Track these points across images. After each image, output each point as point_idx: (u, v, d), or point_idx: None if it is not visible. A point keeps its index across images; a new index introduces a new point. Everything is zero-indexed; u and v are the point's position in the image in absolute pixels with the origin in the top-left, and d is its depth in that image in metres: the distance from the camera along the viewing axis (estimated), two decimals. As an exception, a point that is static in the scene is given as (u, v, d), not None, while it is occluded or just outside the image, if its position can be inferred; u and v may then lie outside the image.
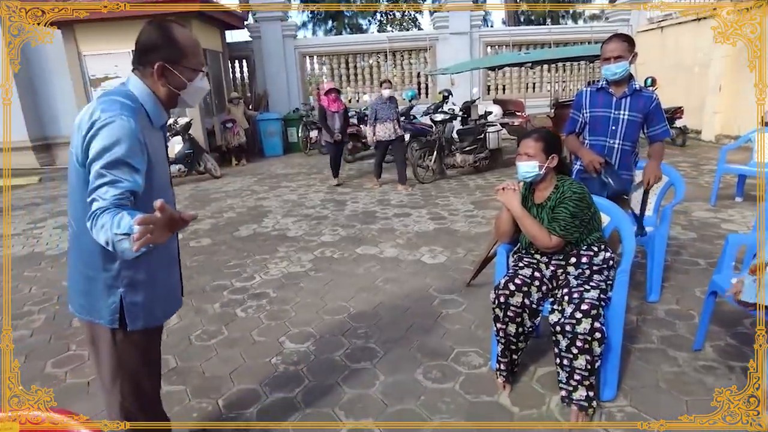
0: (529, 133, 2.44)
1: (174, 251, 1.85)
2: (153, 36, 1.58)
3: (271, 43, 12.39)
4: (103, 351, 1.71)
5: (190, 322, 3.41)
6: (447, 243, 4.79)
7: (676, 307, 3.24)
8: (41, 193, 8.96)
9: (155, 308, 1.73)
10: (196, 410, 2.46)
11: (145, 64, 1.59)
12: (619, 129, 2.99)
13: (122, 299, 1.63)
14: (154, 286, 1.71)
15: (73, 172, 1.55)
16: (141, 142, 1.50)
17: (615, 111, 2.98)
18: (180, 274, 1.93)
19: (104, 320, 1.65)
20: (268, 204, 6.91)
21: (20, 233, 6.19)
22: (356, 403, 2.43)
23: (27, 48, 11.41)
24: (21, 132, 11.48)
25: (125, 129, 1.45)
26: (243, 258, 4.69)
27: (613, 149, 3.03)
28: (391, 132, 7.16)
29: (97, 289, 1.63)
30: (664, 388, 2.41)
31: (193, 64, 1.64)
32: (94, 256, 1.59)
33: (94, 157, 1.43)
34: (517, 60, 9.01)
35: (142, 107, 1.58)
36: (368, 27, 25.59)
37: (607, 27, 13.03)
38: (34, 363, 3.02)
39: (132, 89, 1.60)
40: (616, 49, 2.88)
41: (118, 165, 1.42)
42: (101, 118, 1.46)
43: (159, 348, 1.90)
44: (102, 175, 1.40)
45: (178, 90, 1.64)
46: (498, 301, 2.33)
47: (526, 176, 2.38)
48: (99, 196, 1.38)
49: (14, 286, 4.37)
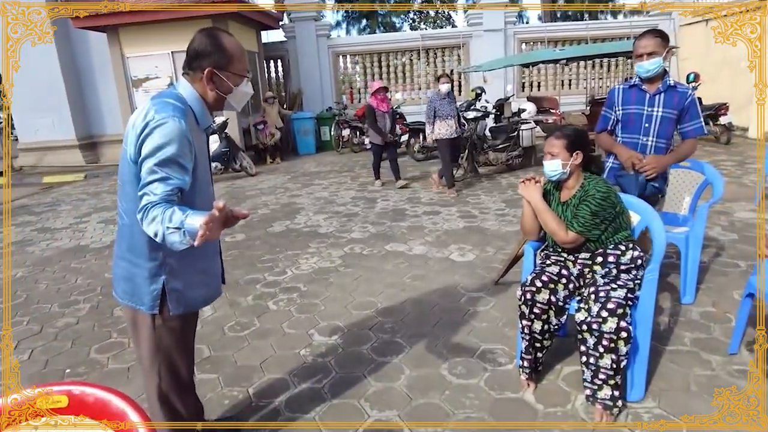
0: (553, 132, 2.43)
1: (216, 243, 1.96)
2: (203, 43, 1.68)
3: (305, 43, 12.58)
4: (143, 335, 1.82)
5: (224, 313, 3.53)
6: (477, 241, 4.79)
7: (712, 310, 3.15)
8: (86, 189, 9.37)
9: (195, 294, 1.84)
10: (227, 397, 2.56)
11: (195, 69, 1.70)
12: (653, 126, 2.92)
13: (164, 286, 1.74)
14: (195, 274, 1.82)
15: (125, 168, 1.65)
16: (190, 143, 1.61)
17: (648, 108, 2.92)
18: (222, 264, 2.03)
19: (145, 306, 1.76)
20: (300, 201, 7.04)
21: (67, 227, 6.51)
22: (382, 396, 2.48)
23: (74, 50, 11.96)
24: (69, 131, 12.04)
25: (177, 130, 1.56)
26: (275, 253, 4.81)
27: (647, 147, 2.96)
28: (452, 130, 6.69)
29: (142, 276, 1.73)
30: (695, 391, 2.36)
31: (240, 70, 1.74)
32: (140, 246, 1.70)
33: (147, 154, 1.54)
34: (552, 57, 8.87)
35: (191, 109, 1.69)
36: (401, 26, 25.61)
37: (647, 22, 12.66)
38: (79, 348, 3.20)
39: (182, 92, 1.70)
40: (648, 45, 2.81)
41: (169, 163, 1.53)
42: (155, 119, 1.56)
43: (194, 334, 2.01)
44: (154, 171, 1.51)
45: (225, 94, 1.75)
46: (524, 297, 2.34)
47: (552, 175, 2.37)
48: (150, 191, 1.49)
49: (61, 276, 4.61)
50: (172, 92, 1.70)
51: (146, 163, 1.53)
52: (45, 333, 3.45)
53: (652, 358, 2.46)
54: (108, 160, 12.30)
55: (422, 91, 13.01)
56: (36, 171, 11.83)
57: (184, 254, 1.70)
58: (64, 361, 3.05)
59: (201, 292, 1.87)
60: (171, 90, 1.71)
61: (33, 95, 11.70)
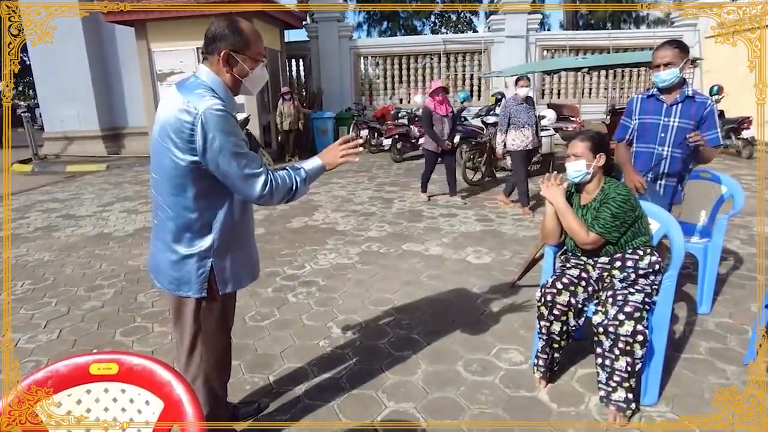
0: (576, 135, 2.48)
1: (252, 224, 2.04)
2: (220, 26, 1.75)
3: (327, 43, 12.71)
4: (187, 319, 1.89)
5: (245, 303, 3.62)
6: (493, 244, 4.83)
7: (728, 321, 3.16)
8: (108, 179, 9.58)
9: (240, 272, 1.93)
10: (249, 383, 2.64)
11: (212, 52, 1.76)
12: (669, 136, 2.95)
13: (212, 267, 1.82)
14: (239, 253, 1.90)
15: (165, 163, 1.70)
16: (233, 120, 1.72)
17: (665, 118, 2.95)
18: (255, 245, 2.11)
19: (193, 291, 1.83)
20: (318, 199, 7.13)
21: (91, 215, 6.67)
22: (399, 388, 2.54)
23: (102, 43, 12.21)
24: (93, 122, 12.29)
25: (227, 116, 1.66)
26: (294, 248, 4.90)
27: (662, 156, 3.00)
28: (528, 141, 5.89)
29: (190, 263, 1.80)
30: (708, 399, 2.39)
31: (255, 54, 1.80)
32: (189, 233, 1.78)
33: (218, 145, 1.63)
34: (574, 65, 8.87)
35: (217, 95, 1.73)
36: (422, 29, 25.68)
37: (671, 32, 12.58)
38: (105, 331, 3.31)
39: (206, 80, 1.75)
40: (666, 55, 2.84)
41: (241, 143, 1.68)
42: (201, 112, 1.62)
43: (233, 316, 2.11)
44: (240, 154, 1.66)
45: (241, 77, 1.80)
46: (544, 299, 2.38)
47: (575, 177, 2.41)
48: (252, 170, 1.68)
49: (86, 262, 4.75)
50: (197, 82, 1.74)
51: (223, 153, 1.63)
52: (72, 315, 3.57)
53: (667, 364, 2.49)
54: (129, 151, 12.53)
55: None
56: (60, 160, 12.09)
57: (228, 236, 1.82)
58: (90, 342, 3.16)
59: (244, 271, 1.95)
60: (196, 80, 1.75)
61: (61, 85, 11.97)
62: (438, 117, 6.40)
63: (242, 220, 1.89)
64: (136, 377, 1.25)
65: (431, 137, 6.44)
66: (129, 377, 1.25)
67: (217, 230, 1.80)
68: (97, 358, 1.26)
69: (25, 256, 4.97)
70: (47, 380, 1.23)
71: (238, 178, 1.66)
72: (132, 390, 1.26)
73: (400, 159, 10.28)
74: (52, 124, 12.62)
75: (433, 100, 6.44)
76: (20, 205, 7.49)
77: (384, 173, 9.07)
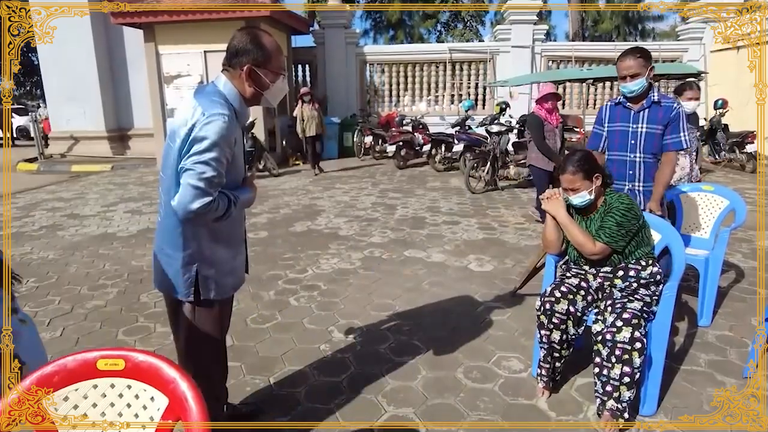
0: (565, 168, 2.37)
1: (242, 235, 2.06)
2: (244, 41, 1.78)
3: (333, 50, 12.79)
4: (183, 321, 1.94)
5: (247, 306, 3.64)
6: (495, 253, 4.84)
7: (729, 334, 3.17)
8: (113, 180, 9.64)
9: (225, 281, 1.94)
10: (249, 385, 2.66)
11: (235, 66, 1.80)
12: (638, 142, 2.96)
13: (197, 273, 1.85)
14: (225, 262, 1.93)
15: (171, 163, 1.76)
16: (234, 140, 1.75)
17: (633, 125, 2.96)
18: (246, 255, 2.14)
19: (181, 294, 1.87)
20: (321, 204, 7.16)
21: (95, 215, 6.72)
22: (398, 393, 2.55)
23: (110, 44, 12.31)
24: (99, 122, 12.38)
25: (224, 128, 1.68)
26: (297, 252, 4.92)
27: (635, 163, 3.00)
28: (686, 177, 3.85)
29: (177, 266, 1.85)
30: (707, 411, 2.39)
31: (276, 68, 1.84)
32: (175, 237, 1.82)
33: (194, 147, 1.66)
34: (579, 76, 8.90)
35: (231, 106, 1.79)
36: (428, 37, 25.79)
37: (676, 46, 12.65)
38: (108, 330, 3.33)
39: (222, 88, 1.81)
40: (631, 66, 2.84)
41: (213, 157, 1.67)
42: (205, 115, 1.67)
43: (229, 319, 2.12)
44: (210, 166, 1.66)
45: (262, 90, 1.85)
46: (544, 308, 2.40)
47: (581, 205, 2.40)
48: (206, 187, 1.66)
49: (89, 261, 4.78)
50: (215, 89, 1.80)
51: (192, 154, 1.66)
52: (75, 313, 3.60)
53: (667, 375, 2.49)
54: (134, 152, 12.61)
55: (446, 103, 13.11)
56: (65, 160, 12.17)
57: (214, 243, 1.86)
58: (93, 341, 3.18)
59: (230, 279, 1.97)
60: (212, 87, 1.81)
61: (67, 85, 12.07)
62: (550, 128, 5.50)
63: (229, 230, 1.92)
64: (143, 374, 1.27)
65: (544, 152, 5.38)
66: (135, 373, 1.27)
67: (203, 237, 1.83)
68: (104, 354, 1.29)
69: (29, 254, 5.00)
70: (55, 375, 1.25)
71: (190, 184, 1.64)
72: (138, 386, 1.28)
73: (403, 166, 10.32)
74: (57, 123, 12.71)
75: (542, 108, 5.53)
76: (25, 204, 7.54)
77: (387, 180, 9.10)
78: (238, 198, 1.83)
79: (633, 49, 2.92)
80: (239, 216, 1.97)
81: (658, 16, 24.80)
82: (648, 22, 24.92)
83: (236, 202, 1.81)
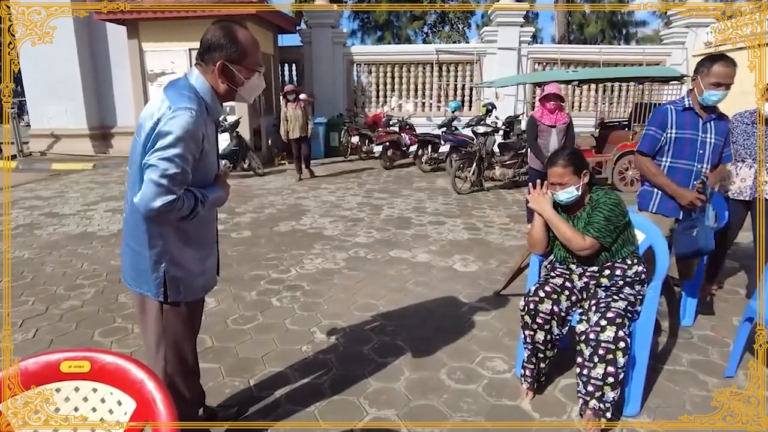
0: (555, 161, 2.37)
1: (213, 236, 2.00)
2: (217, 35, 1.71)
3: (320, 49, 12.72)
4: (150, 320, 1.87)
5: (228, 306, 3.57)
6: (480, 253, 4.83)
7: (711, 334, 3.18)
8: (95, 178, 9.46)
9: (194, 283, 1.88)
10: (228, 387, 2.59)
11: (207, 62, 1.74)
12: (707, 153, 2.83)
13: (165, 274, 1.79)
14: (194, 263, 1.86)
15: (137, 157, 1.69)
16: (202, 135, 1.68)
17: (702, 134, 2.82)
18: (218, 257, 2.07)
19: (151, 293, 1.81)
20: (307, 203, 7.10)
21: (74, 213, 6.57)
22: (381, 395, 2.51)
23: (93, 40, 12.09)
24: (81, 120, 12.13)
25: (191, 123, 1.61)
26: (280, 252, 4.86)
27: (700, 173, 2.86)
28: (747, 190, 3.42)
29: (145, 264, 1.78)
30: (690, 411, 2.39)
31: (252, 64, 1.78)
32: (142, 234, 1.75)
33: (158, 143, 1.59)
34: (565, 77, 8.95)
35: (203, 100, 1.73)
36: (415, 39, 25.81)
37: (660, 50, 12.80)
38: (83, 331, 3.24)
39: (194, 82, 1.74)
40: (731, 75, 2.66)
41: (176, 153, 1.60)
42: (171, 109, 1.61)
43: (200, 322, 2.05)
44: (174, 162, 1.58)
45: (236, 87, 1.78)
46: (527, 308, 2.37)
47: (567, 201, 2.38)
48: (169, 184, 1.58)
49: (68, 261, 4.66)
50: (186, 83, 1.73)
51: (156, 149, 1.59)
52: (50, 314, 3.50)
53: (650, 375, 2.49)
54: (117, 151, 12.39)
55: (433, 104, 13.11)
56: (45, 158, 11.92)
57: (183, 244, 1.80)
58: (68, 342, 3.09)
59: (200, 281, 1.91)
60: (184, 80, 1.74)
61: (48, 82, 11.82)
62: (545, 127, 5.42)
63: (199, 230, 1.86)
64: (109, 376, 1.22)
65: (534, 152, 5.46)
66: (101, 376, 1.22)
67: (170, 236, 1.76)
68: (68, 356, 1.23)
69: (4, 254, 4.87)
70: (15, 377, 1.19)
71: (152, 181, 1.57)
72: (104, 389, 1.22)
73: (390, 166, 10.30)
74: (38, 121, 12.45)
75: (543, 108, 5.48)
76: (2, 202, 7.35)
77: (374, 180, 9.06)
78: (207, 197, 1.74)
79: (731, 58, 2.69)
80: (210, 216, 1.90)
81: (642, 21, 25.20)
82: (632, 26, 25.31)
83: (204, 202, 1.72)
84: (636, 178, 7.89)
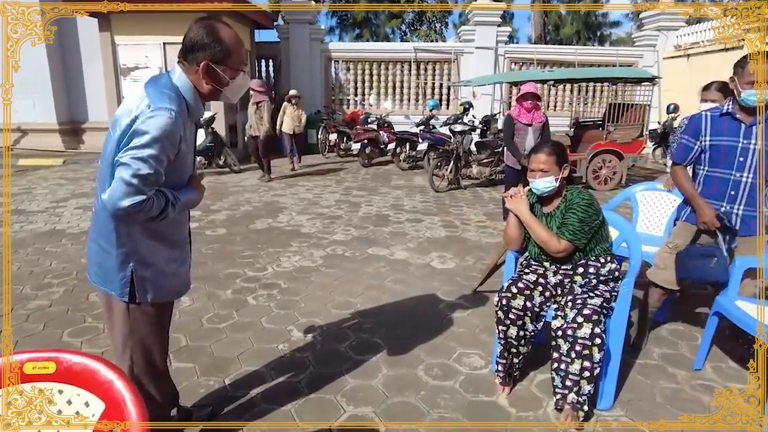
0: (540, 148, 2.43)
1: (185, 236, 1.94)
2: (200, 35, 1.66)
3: (298, 46, 12.61)
4: (117, 319, 1.81)
5: (203, 305, 3.51)
6: (457, 250, 4.85)
7: (680, 328, 3.26)
8: (65, 174, 9.19)
9: (164, 284, 1.82)
10: (203, 386, 2.55)
11: (191, 62, 1.69)
12: (749, 161, 2.55)
13: (133, 274, 1.73)
14: (164, 264, 1.81)
15: (110, 152, 1.63)
16: (179, 136, 1.63)
17: (744, 140, 2.55)
18: None
19: (116, 292, 1.75)
20: (284, 201, 7.03)
21: (42, 211, 6.37)
22: (358, 392, 2.50)
23: (62, 35, 11.74)
24: (50, 114, 11.77)
25: (169, 123, 1.57)
26: (257, 250, 4.80)
27: (740, 183, 2.60)
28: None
29: (111, 263, 1.73)
30: (660, 403, 2.45)
31: (236, 64, 1.73)
32: (109, 232, 1.70)
33: (133, 141, 1.54)
34: (541, 77, 9.07)
35: (184, 100, 1.68)
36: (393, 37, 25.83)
37: (633, 51, 13.06)
38: (51, 331, 3.14)
39: (176, 81, 1.69)
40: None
41: (150, 154, 1.55)
42: (150, 108, 1.57)
43: (169, 322, 2.00)
44: (147, 163, 1.53)
45: (221, 87, 1.74)
46: (500, 303, 2.39)
47: (544, 191, 2.41)
48: (139, 184, 1.53)
49: (35, 259, 4.52)
50: (168, 82, 1.68)
51: (130, 147, 1.54)
52: (16, 314, 3.38)
53: (622, 369, 2.54)
54: (89, 147, 12.06)
55: (411, 102, 13.13)
56: (12, 153, 11.53)
57: (153, 243, 1.74)
58: (34, 344, 2.99)
59: (172, 283, 1.86)
60: (166, 79, 1.69)
61: (15, 74, 11.43)
62: (521, 126, 5.40)
63: (170, 230, 1.80)
64: (76, 377, 1.18)
65: (511, 151, 5.44)
66: (67, 377, 1.18)
67: (139, 235, 1.71)
68: (32, 356, 1.18)
69: (-33, 252, 4.69)
70: (-25, 379, 1.14)
71: (123, 180, 1.52)
72: (70, 390, 1.18)
73: (368, 164, 10.28)
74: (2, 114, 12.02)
75: (520, 106, 5.47)
76: (-34, 199, 7.09)
77: (352, 177, 9.03)
78: (179, 199, 1.69)
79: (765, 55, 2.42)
80: (182, 217, 1.85)
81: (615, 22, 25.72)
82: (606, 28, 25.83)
83: (175, 204, 1.67)
84: (609, 176, 8.05)
